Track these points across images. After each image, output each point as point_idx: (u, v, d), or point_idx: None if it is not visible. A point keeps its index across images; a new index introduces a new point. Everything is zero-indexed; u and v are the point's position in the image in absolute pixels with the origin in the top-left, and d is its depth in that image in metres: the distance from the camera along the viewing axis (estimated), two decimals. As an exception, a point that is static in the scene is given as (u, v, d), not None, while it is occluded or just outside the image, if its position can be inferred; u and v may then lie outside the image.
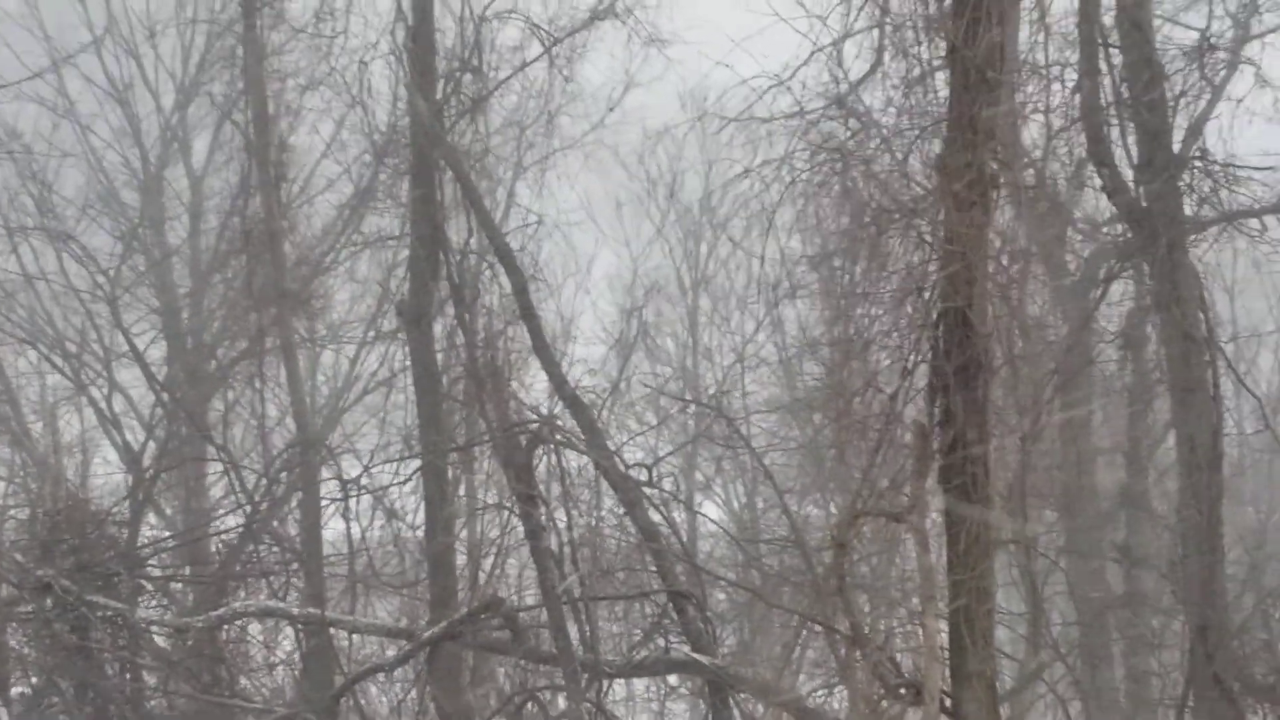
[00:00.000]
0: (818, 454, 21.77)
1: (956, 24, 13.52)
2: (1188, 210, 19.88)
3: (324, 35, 25.74)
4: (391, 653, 21.18)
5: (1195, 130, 19.67)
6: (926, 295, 14.31)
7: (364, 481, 22.76)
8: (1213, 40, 19.71)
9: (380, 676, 21.45)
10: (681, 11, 24.15)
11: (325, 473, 24.52)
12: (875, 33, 15.33)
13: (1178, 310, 19.26)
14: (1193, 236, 19.82)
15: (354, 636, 21.80)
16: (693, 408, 31.44)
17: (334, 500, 23.29)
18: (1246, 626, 19.42)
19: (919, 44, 14.87)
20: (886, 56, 15.25)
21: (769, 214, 15.94)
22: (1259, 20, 20.17)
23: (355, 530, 22.70)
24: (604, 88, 29.79)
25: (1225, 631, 18.79)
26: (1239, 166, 19.66)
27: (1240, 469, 24.26)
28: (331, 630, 21.65)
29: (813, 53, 15.68)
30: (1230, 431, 22.50)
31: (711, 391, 32.45)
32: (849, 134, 15.46)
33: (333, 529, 24.08)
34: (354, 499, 22.61)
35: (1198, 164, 19.63)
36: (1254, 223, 20.87)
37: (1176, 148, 19.64)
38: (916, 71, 14.98)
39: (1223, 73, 19.82)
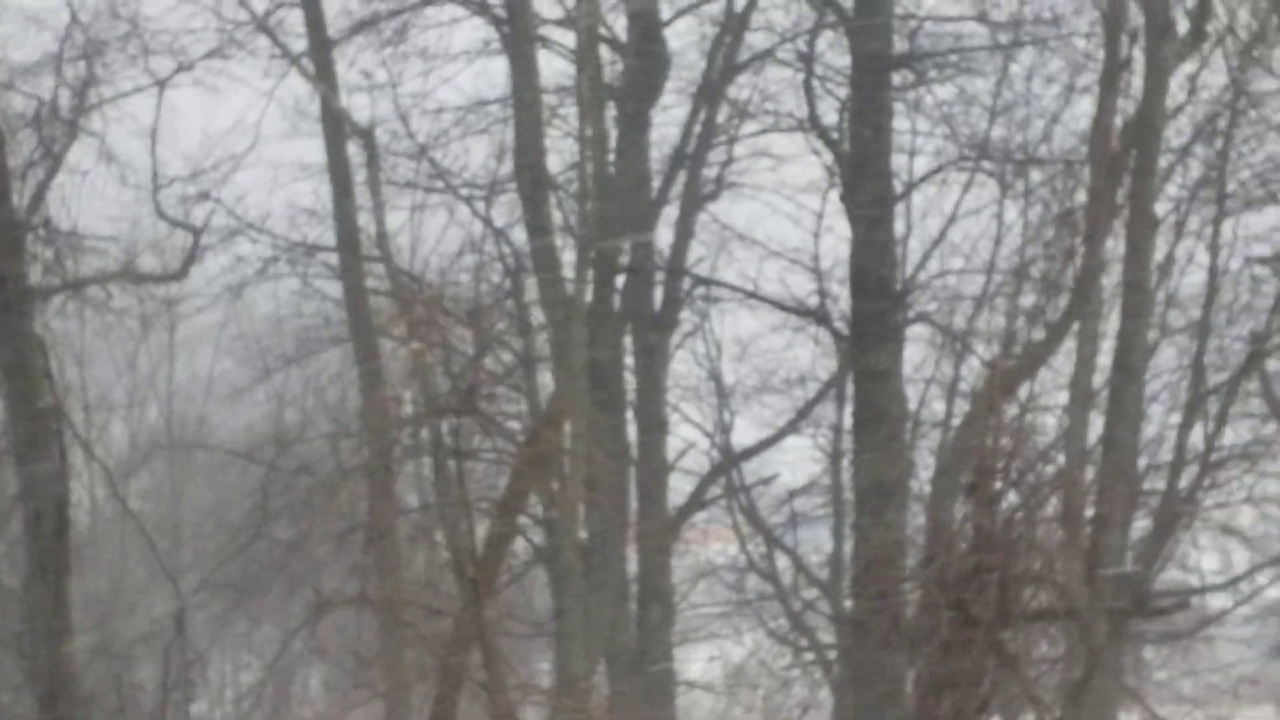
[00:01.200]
0: None
1: None
2: (33, 278, 19.81)
3: None
4: None
5: (38, 197, 19.67)
6: None
7: None
8: (56, 111, 19.86)
9: None
10: None
11: None
12: None
13: (22, 380, 19.12)
14: (37, 304, 19.76)
15: None
16: None
17: None
18: (94, 695, 19.48)
19: None
20: None
21: None
22: (97, 92, 20.49)
23: None
24: None
25: (74, 701, 18.74)
26: (83, 236, 19.86)
27: (93, 537, 24.33)
28: None
29: None
30: (81, 502, 22.56)
31: None
32: None
33: None
34: None
35: (42, 231, 19.64)
36: (101, 291, 21.14)
37: (22, 214, 19.55)
38: None
39: (62, 141, 19.97)
